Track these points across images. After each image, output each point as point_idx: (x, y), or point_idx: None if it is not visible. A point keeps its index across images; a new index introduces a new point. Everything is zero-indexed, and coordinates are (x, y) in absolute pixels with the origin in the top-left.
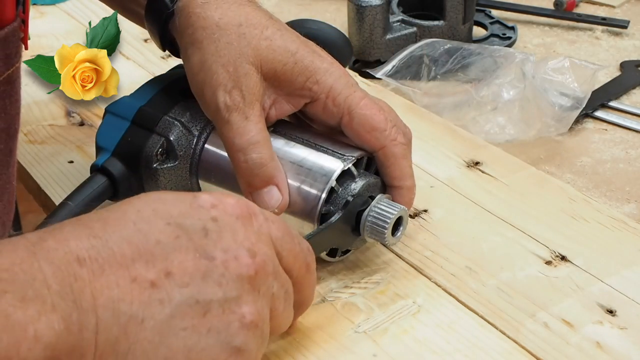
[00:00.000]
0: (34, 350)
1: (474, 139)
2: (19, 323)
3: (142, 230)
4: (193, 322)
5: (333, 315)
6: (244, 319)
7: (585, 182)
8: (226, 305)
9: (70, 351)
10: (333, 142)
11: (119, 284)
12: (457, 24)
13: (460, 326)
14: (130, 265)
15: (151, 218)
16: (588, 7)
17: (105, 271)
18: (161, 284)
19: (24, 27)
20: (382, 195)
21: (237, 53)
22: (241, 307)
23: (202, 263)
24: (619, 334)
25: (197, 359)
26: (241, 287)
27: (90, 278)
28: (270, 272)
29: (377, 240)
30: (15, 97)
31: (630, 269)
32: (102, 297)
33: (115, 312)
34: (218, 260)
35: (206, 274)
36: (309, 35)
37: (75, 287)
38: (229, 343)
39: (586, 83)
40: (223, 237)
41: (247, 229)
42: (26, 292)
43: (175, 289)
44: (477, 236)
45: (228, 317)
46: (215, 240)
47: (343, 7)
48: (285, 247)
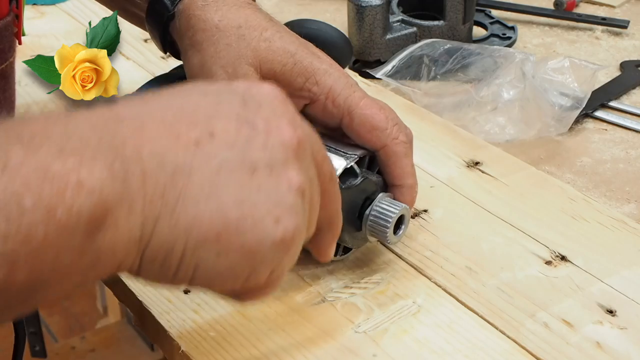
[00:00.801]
0: (79, 197)
1: (474, 139)
2: (59, 173)
3: (182, 96)
4: (243, 179)
5: (333, 315)
6: (291, 182)
7: (585, 182)
8: (274, 166)
9: (119, 198)
10: (335, 140)
11: (162, 138)
12: (457, 24)
13: (460, 326)
14: (174, 125)
15: (187, 90)
16: (588, 7)
17: (146, 128)
18: (206, 142)
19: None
20: (384, 194)
21: (236, 54)
22: (288, 171)
23: (244, 128)
24: (619, 334)
25: (250, 211)
26: (286, 153)
27: (131, 133)
28: (309, 149)
29: (379, 239)
30: (10, 92)
31: (630, 269)
32: (146, 149)
33: (161, 162)
34: (260, 127)
35: (250, 138)
36: (309, 35)
37: (117, 140)
38: (281, 201)
39: (586, 83)
40: (263, 108)
41: (285, 106)
42: (63, 145)
43: (221, 147)
44: (477, 236)
45: (277, 178)
46: (255, 110)
47: (343, 7)
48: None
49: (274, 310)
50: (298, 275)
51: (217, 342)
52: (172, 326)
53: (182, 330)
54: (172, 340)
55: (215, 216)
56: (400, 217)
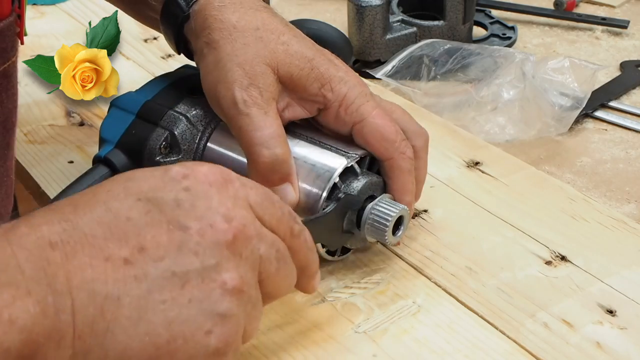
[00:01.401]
0: (10, 334)
1: (474, 139)
2: None
3: (113, 209)
4: (172, 295)
5: (333, 315)
6: (225, 286)
7: (585, 182)
8: (205, 274)
9: (48, 334)
10: (336, 140)
11: (92, 264)
12: (457, 24)
13: (460, 326)
14: (103, 245)
15: (121, 196)
16: (588, 7)
17: (77, 253)
18: (135, 260)
19: (20, 22)
20: (384, 195)
21: (253, 53)
22: (221, 274)
23: (176, 234)
24: (619, 334)
25: (179, 331)
26: (219, 254)
27: (63, 261)
28: (252, 234)
29: (378, 239)
30: (12, 91)
31: (630, 269)
32: (76, 278)
33: (90, 292)
34: (192, 229)
35: (181, 244)
36: (309, 35)
37: (49, 270)
38: (212, 311)
39: (586, 83)
40: (196, 206)
41: (222, 195)
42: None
43: (150, 263)
44: (477, 236)
45: (208, 286)
46: (188, 210)
47: (343, 7)
48: (266, 212)
49: (274, 310)
50: None
51: None
52: None
53: None
54: None
55: (145, 343)
56: (399, 218)
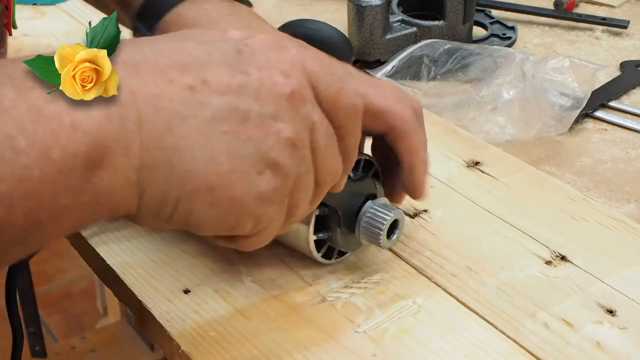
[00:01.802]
0: (74, 139)
1: (474, 139)
2: (52, 115)
3: (175, 45)
4: (233, 128)
5: (333, 315)
6: (280, 135)
7: (585, 182)
8: (264, 118)
9: (115, 140)
10: None
11: (157, 83)
12: (457, 24)
13: (460, 326)
14: (167, 70)
15: (181, 38)
16: (588, 7)
17: (140, 73)
18: (199, 89)
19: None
20: (379, 198)
21: None
22: (277, 122)
23: (237, 76)
24: (619, 334)
25: (238, 164)
26: (278, 104)
27: (125, 76)
28: (307, 98)
29: (372, 243)
30: None
31: (630, 269)
32: (141, 92)
33: (157, 107)
34: (253, 76)
35: (242, 86)
36: (309, 35)
37: None
38: (266, 154)
39: (586, 83)
40: (256, 57)
41: (279, 55)
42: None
43: (213, 95)
44: (477, 236)
45: (266, 130)
46: (248, 58)
47: (343, 7)
48: (322, 81)
49: (274, 310)
50: (298, 276)
51: (217, 342)
52: (172, 326)
53: (182, 330)
54: (172, 340)
55: (208, 168)
56: (394, 222)
